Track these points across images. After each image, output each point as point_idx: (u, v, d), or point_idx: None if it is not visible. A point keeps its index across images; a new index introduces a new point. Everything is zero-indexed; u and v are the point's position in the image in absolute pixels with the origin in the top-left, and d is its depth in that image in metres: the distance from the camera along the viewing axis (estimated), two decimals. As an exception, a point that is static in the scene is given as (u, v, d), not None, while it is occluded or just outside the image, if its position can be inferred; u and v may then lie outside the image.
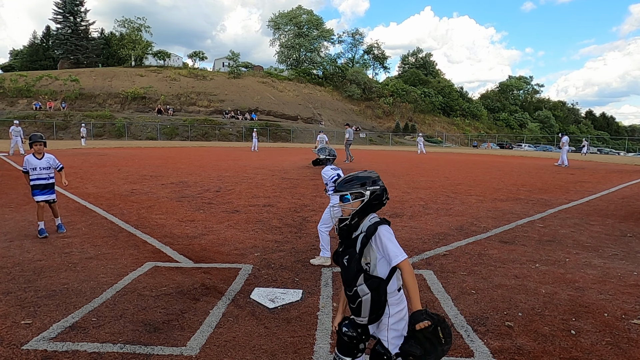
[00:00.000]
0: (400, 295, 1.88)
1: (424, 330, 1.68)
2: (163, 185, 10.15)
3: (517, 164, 22.46)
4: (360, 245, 1.86)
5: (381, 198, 1.95)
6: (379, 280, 1.82)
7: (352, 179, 1.95)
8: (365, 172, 2.00)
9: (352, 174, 1.99)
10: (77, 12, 61.12)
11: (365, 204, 1.90)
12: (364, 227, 1.89)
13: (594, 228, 6.39)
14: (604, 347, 2.78)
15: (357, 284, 1.84)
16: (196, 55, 73.66)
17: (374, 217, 1.94)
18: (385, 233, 1.84)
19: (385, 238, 1.83)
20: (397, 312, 1.86)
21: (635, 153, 52.21)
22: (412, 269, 1.80)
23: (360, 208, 1.89)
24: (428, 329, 1.68)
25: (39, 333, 2.82)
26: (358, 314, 1.87)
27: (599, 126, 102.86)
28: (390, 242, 1.82)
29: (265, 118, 53.88)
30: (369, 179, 1.94)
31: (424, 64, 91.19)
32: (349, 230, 1.93)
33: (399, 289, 1.88)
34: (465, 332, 2.97)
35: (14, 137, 18.70)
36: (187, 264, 4.36)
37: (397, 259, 1.79)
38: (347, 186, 1.93)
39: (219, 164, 16.57)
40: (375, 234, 1.85)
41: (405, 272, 1.80)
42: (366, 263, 1.86)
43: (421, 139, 34.15)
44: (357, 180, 1.94)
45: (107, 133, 42.19)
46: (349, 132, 19.65)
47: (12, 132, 18.77)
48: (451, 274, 4.19)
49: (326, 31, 79.13)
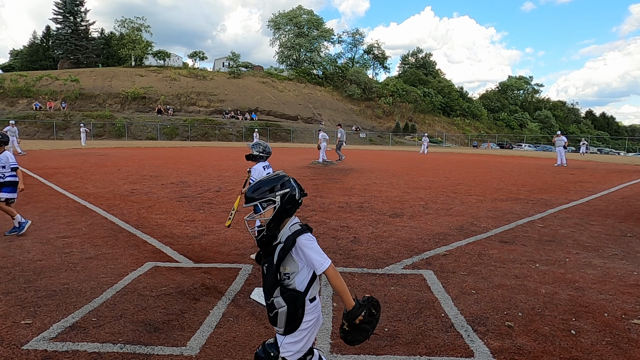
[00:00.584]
0: (312, 306, 1.86)
1: (363, 320, 1.79)
2: (163, 185, 10.15)
3: (517, 164, 22.46)
4: (278, 257, 1.78)
5: (295, 199, 1.84)
6: (296, 294, 1.79)
7: (258, 186, 1.83)
8: (274, 174, 1.90)
9: (259, 180, 1.87)
10: (77, 12, 61.11)
11: (278, 210, 1.79)
12: (283, 237, 1.80)
13: (594, 228, 6.39)
14: (604, 347, 2.78)
15: (274, 296, 1.80)
16: (196, 55, 73.69)
17: (294, 223, 1.84)
18: (305, 243, 1.78)
19: (306, 248, 1.77)
20: (310, 320, 1.84)
21: (635, 153, 52.20)
22: (337, 272, 1.80)
23: (274, 216, 1.79)
24: (365, 316, 1.79)
25: (39, 333, 2.82)
26: (274, 323, 1.84)
27: (599, 126, 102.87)
28: (312, 251, 1.77)
29: (265, 118, 53.89)
30: (277, 181, 1.83)
31: (424, 64, 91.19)
32: (267, 241, 1.83)
33: (312, 299, 1.86)
34: (465, 332, 2.97)
35: (10, 137, 18.67)
36: (187, 264, 4.36)
37: (323, 267, 1.77)
38: (256, 195, 1.81)
39: (219, 164, 16.57)
40: (294, 246, 1.77)
41: (331, 277, 1.79)
42: (285, 273, 1.80)
43: (426, 139, 34.30)
44: (264, 186, 1.82)
45: (107, 133, 42.19)
46: (341, 132, 19.59)
47: (7, 132, 18.77)
48: (451, 274, 4.19)
49: (326, 31, 79.13)
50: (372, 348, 2.73)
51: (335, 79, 76.11)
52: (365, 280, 3.98)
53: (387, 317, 3.19)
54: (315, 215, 6.89)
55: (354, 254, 4.80)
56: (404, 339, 2.85)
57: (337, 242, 5.30)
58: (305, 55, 78.09)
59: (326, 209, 7.46)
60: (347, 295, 1.79)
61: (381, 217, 6.92)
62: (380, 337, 2.88)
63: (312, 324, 1.86)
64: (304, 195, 1.93)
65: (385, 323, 3.09)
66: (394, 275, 4.12)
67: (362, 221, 6.54)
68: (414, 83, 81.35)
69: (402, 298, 3.55)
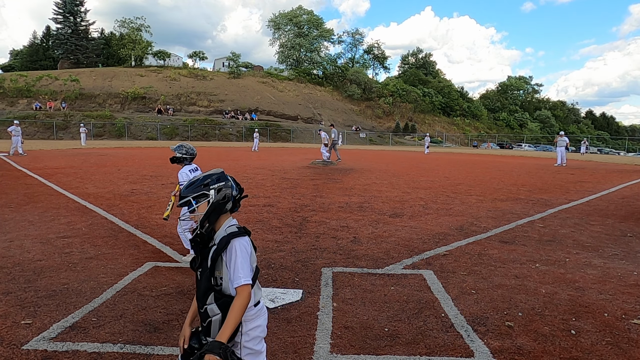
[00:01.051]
0: (257, 310, 1.72)
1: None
2: (163, 185, 10.15)
3: (517, 164, 22.46)
4: (211, 260, 1.65)
5: (231, 196, 1.75)
6: (231, 301, 1.62)
7: (193, 181, 1.74)
8: (210, 171, 1.81)
9: (193, 178, 1.78)
10: (77, 12, 61.07)
11: (212, 205, 1.69)
12: (218, 238, 1.68)
13: (594, 228, 6.39)
14: (604, 347, 2.78)
15: (207, 303, 1.65)
16: (196, 55, 73.63)
17: (231, 225, 1.73)
18: (239, 247, 1.64)
19: (235, 254, 1.63)
20: (252, 328, 1.70)
21: (635, 153, 52.18)
22: (248, 299, 1.61)
23: (207, 211, 1.69)
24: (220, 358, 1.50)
25: (39, 333, 2.82)
26: (208, 334, 1.67)
27: (599, 126, 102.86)
28: (240, 259, 1.63)
29: (265, 118, 53.88)
30: (212, 176, 1.76)
31: (424, 64, 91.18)
32: (202, 241, 1.71)
33: (256, 304, 1.73)
34: (465, 332, 2.97)
35: (15, 136, 18.69)
36: (187, 264, 4.36)
37: (238, 282, 1.59)
38: (190, 190, 1.71)
39: (219, 164, 16.57)
40: (227, 248, 1.65)
41: (240, 297, 1.59)
42: (220, 277, 1.67)
43: (428, 140, 34.48)
44: (198, 181, 1.73)
45: (107, 133, 42.18)
46: (334, 133, 19.52)
47: (12, 131, 18.76)
48: (451, 274, 4.19)
49: (326, 31, 79.09)
50: (372, 348, 2.73)
51: (335, 79, 76.09)
52: (365, 280, 3.98)
53: (387, 317, 3.19)
54: (315, 215, 6.89)
55: (354, 254, 4.80)
56: (404, 339, 2.85)
57: (337, 242, 5.30)
58: (305, 55, 78.08)
59: (326, 209, 7.46)
60: (230, 328, 1.56)
61: (381, 217, 6.92)
62: (380, 337, 2.88)
63: (261, 330, 1.73)
64: (243, 197, 1.83)
65: (385, 323, 3.09)
66: (394, 275, 4.12)
67: (362, 221, 6.54)
68: (414, 83, 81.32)
69: (402, 298, 3.55)
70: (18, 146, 18.77)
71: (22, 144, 19.16)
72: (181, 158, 4.39)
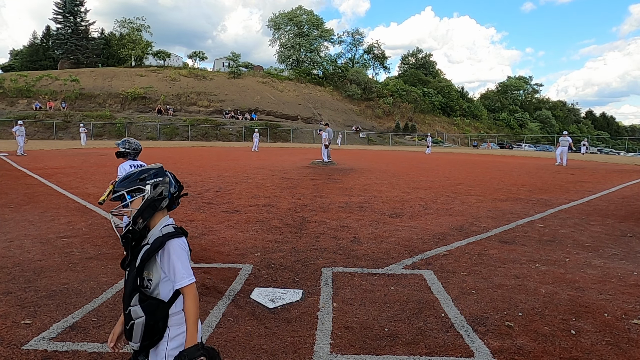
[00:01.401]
0: (183, 317, 1.62)
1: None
2: (163, 185, 10.14)
3: (517, 164, 22.45)
4: (141, 260, 1.56)
5: (169, 193, 1.67)
6: (157, 303, 1.56)
7: (129, 175, 1.66)
8: (148, 165, 1.73)
9: (130, 171, 1.70)
10: (77, 12, 61.06)
11: (147, 200, 1.60)
12: (152, 238, 1.60)
13: (594, 228, 6.39)
14: (604, 347, 2.78)
15: (131, 304, 1.56)
16: (196, 55, 73.62)
17: (168, 225, 1.65)
18: (176, 248, 1.57)
19: (174, 255, 1.56)
20: (179, 334, 1.60)
21: (635, 153, 52.19)
22: (196, 296, 1.58)
23: (141, 206, 1.60)
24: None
25: (39, 333, 2.82)
26: (130, 337, 1.58)
27: (599, 126, 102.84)
28: (179, 260, 1.56)
29: (265, 118, 53.87)
30: (150, 170, 1.67)
31: (424, 64, 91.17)
32: (134, 238, 1.62)
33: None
34: (465, 332, 2.97)
35: (18, 136, 18.82)
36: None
37: (182, 282, 1.55)
38: (124, 184, 1.62)
39: (219, 164, 16.57)
40: (162, 248, 1.56)
41: (188, 297, 1.56)
42: (148, 279, 1.59)
43: (429, 140, 34.55)
44: (134, 175, 1.64)
45: (107, 133, 42.17)
46: (329, 132, 19.39)
47: (16, 132, 18.88)
48: (451, 274, 4.19)
49: (326, 31, 79.09)
50: (372, 348, 2.73)
51: (336, 79, 76.08)
52: (365, 280, 3.98)
53: (387, 317, 3.19)
54: (315, 215, 6.89)
55: (354, 254, 4.80)
56: (404, 339, 2.85)
57: (337, 242, 5.30)
58: (306, 55, 78.06)
59: (326, 209, 7.45)
60: (194, 328, 1.53)
61: (381, 217, 6.91)
62: (380, 337, 2.88)
63: (183, 337, 1.60)
64: (182, 194, 1.75)
65: (385, 323, 3.09)
66: (394, 275, 4.12)
67: (362, 221, 6.54)
68: (414, 83, 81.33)
69: (402, 298, 3.55)
70: (20, 146, 18.85)
71: (25, 143, 19.23)
72: (125, 152, 4.44)
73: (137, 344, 1.57)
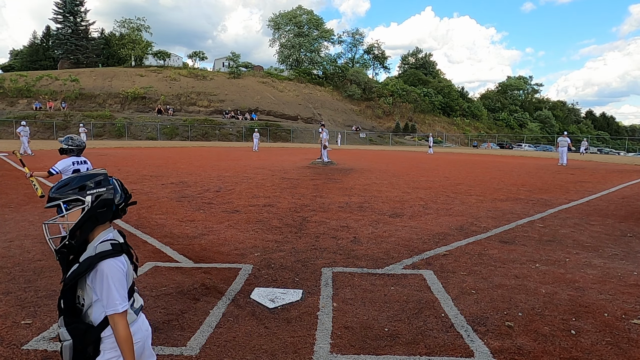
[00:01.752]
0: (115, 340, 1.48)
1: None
2: (163, 185, 10.15)
3: (517, 164, 22.46)
4: (68, 278, 1.43)
5: (112, 203, 1.52)
6: (85, 328, 1.43)
7: (67, 182, 1.49)
8: (91, 171, 1.59)
9: (70, 177, 1.54)
10: (77, 12, 61.07)
11: (87, 213, 1.46)
12: (84, 255, 1.44)
13: (594, 228, 6.39)
14: (604, 347, 2.78)
15: (59, 325, 1.45)
16: (196, 55, 73.61)
17: (105, 241, 1.49)
18: (110, 270, 1.42)
19: (107, 278, 1.41)
20: (112, 358, 1.47)
21: (635, 153, 52.19)
22: (127, 327, 1.44)
23: (80, 219, 1.45)
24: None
25: (39, 333, 2.82)
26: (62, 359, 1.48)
27: (599, 126, 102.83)
28: (112, 284, 1.41)
29: (265, 118, 53.87)
30: (93, 178, 1.52)
31: (424, 64, 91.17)
32: (71, 253, 1.47)
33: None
34: (465, 332, 2.97)
35: (23, 136, 18.95)
36: (187, 264, 4.36)
37: (114, 309, 1.40)
38: (60, 192, 1.47)
39: (219, 164, 16.57)
40: (92, 270, 1.41)
41: (117, 327, 1.41)
42: (83, 297, 1.46)
43: (431, 140, 34.56)
44: (74, 182, 1.48)
45: (107, 133, 42.17)
46: (326, 132, 19.35)
47: (20, 132, 19.01)
48: (451, 274, 4.19)
49: (326, 31, 79.10)
50: (372, 348, 2.73)
51: (336, 79, 76.07)
52: (365, 280, 3.98)
53: (387, 317, 3.19)
54: (315, 215, 6.88)
55: (354, 254, 4.80)
56: (404, 339, 2.85)
57: (337, 242, 5.30)
58: (306, 55, 78.06)
59: (326, 209, 7.45)
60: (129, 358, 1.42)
61: (381, 217, 6.91)
62: (380, 337, 2.88)
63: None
64: (130, 203, 1.61)
65: (385, 323, 3.09)
66: (394, 275, 4.12)
67: (362, 221, 6.54)
68: (414, 83, 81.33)
69: (402, 298, 3.55)
70: (25, 146, 19.11)
71: (29, 143, 19.43)
72: (68, 149, 4.47)
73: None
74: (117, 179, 1.61)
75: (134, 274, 1.61)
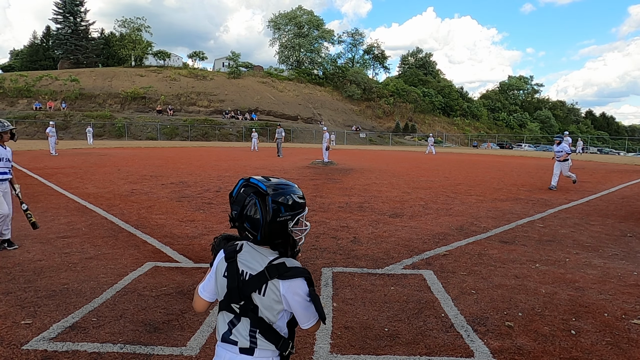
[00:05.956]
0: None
1: None
2: (163, 185, 10.15)
3: (517, 164, 22.45)
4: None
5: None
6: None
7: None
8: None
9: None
10: (77, 12, 61.04)
11: None
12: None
13: (594, 228, 6.39)
14: (604, 347, 2.78)
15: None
16: (196, 55, 73.58)
17: None
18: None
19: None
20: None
21: (635, 153, 52.18)
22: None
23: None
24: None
25: (39, 333, 2.82)
26: None
27: (598, 126, 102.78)
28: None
29: (265, 118, 53.84)
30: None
31: (424, 64, 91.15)
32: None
33: None
34: (465, 332, 2.96)
35: (51, 137, 19.45)
36: (187, 264, 4.36)
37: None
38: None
39: (219, 164, 16.56)
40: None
41: None
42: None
43: (431, 140, 34.56)
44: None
45: (107, 133, 42.14)
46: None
47: (49, 132, 19.48)
48: (451, 274, 4.19)
49: (326, 32, 79.07)
50: (372, 348, 2.73)
51: (336, 79, 76.03)
52: (365, 280, 3.98)
53: (387, 317, 3.19)
54: (315, 215, 6.88)
55: (354, 254, 4.80)
56: (404, 339, 2.85)
57: (337, 242, 5.30)
58: (306, 55, 78.04)
59: (326, 209, 7.45)
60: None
61: (381, 217, 6.91)
62: (380, 337, 2.88)
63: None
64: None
65: (385, 323, 3.09)
66: (394, 275, 4.12)
67: (362, 221, 6.54)
68: (414, 83, 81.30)
69: (402, 298, 3.55)
70: (51, 147, 19.52)
71: (57, 144, 19.82)
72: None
73: None
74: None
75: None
